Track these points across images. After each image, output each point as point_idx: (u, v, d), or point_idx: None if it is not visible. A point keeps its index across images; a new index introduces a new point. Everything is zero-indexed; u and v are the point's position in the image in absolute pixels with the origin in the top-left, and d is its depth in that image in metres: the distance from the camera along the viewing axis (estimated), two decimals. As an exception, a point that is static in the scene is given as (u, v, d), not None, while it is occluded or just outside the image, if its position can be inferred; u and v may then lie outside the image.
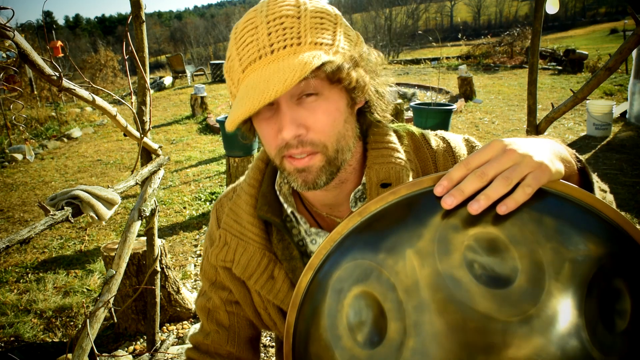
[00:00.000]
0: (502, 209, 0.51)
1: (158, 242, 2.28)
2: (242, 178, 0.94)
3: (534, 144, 0.57)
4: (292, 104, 0.70)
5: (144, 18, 1.87)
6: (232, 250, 0.87)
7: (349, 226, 0.62)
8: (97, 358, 1.65)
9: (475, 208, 0.51)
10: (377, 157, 0.81)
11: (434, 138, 0.89)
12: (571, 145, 6.08)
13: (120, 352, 2.57)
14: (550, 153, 0.57)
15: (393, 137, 0.84)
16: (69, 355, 1.84)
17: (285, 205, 0.86)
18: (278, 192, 0.87)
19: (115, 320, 1.88)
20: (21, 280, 3.47)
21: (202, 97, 9.59)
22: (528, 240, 0.49)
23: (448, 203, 0.53)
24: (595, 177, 0.71)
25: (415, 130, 0.90)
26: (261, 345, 2.63)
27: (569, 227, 0.51)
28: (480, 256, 0.50)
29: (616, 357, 0.47)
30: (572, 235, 0.50)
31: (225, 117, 4.77)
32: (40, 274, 3.54)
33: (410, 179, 0.80)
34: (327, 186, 0.79)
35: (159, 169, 2.08)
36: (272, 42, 0.68)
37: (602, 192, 0.72)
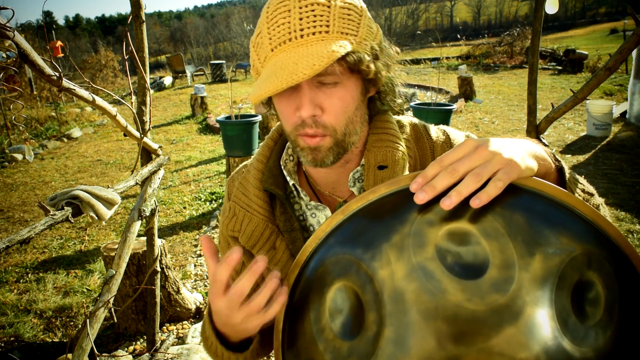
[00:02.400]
0: (475, 203, 0.53)
1: (158, 242, 2.28)
2: (253, 156, 1.02)
3: (505, 142, 0.59)
4: (313, 86, 0.76)
5: (144, 18, 1.87)
6: (240, 220, 0.93)
7: (333, 224, 0.65)
8: (97, 358, 1.65)
9: (447, 204, 0.54)
10: (377, 140, 0.87)
11: (435, 130, 0.94)
12: (571, 145, 6.08)
13: (120, 352, 2.57)
14: (522, 151, 0.60)
15: (394, 125, 0.90)
16: (69, 355, 1.84)
17: (289, 179, 0.92)
18: (283, 168, 0.93)
19: (115, 320, 1.88)
20: (21, 280, 3.47)
21: (202, 97, 9.59)
22: (499, 233, 0.51)
23: (420, 198, 0.56)
24: (581, 180, 0.74)
25: (418, 121, 0.95)
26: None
27: (541, 221, 0.53)
28: (453, 249, 0.52)
29: (589, 348, 0.48)
30: (543, 229, 0.52)
31: (226, 117, 4.77)
32: (40, 274, 3.54)
33: (407, 164, 0.86)
34: (333, 165, 0.85)
35: (159, 169, 2.08)
36: (303, 27, 0.73)
37: (586, 195, 0.74)
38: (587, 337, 0.48)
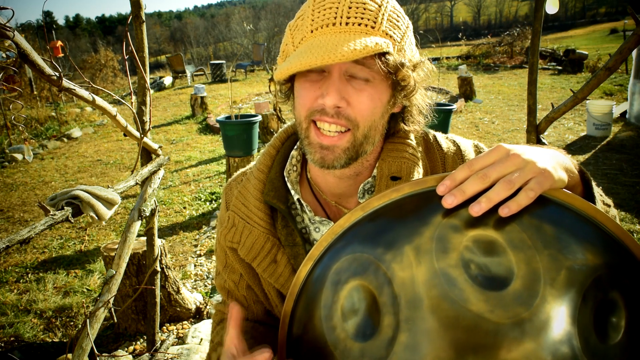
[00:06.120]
0: (504, 211, 0.51)
1: (158, 242, 2.28)
2: (252, 163, 0.98)
3: (538, 151, 0.58)
4: (343, 78, 0.73)
5: (144, 18, 1.87)
6: (239, 232, 0.90)
7: (351, 220, 0.63)
8: (97, 358, 1.65)
9: (476, 210, 0.52)
10: (392, 150, 0.84)
11: (445, 141, 0.91)
12: (571, 145, 6.08)
13: (120, 352, 2.57)
14: (554, 162, 0.58)
15: (412, 141, 0.86)
16: (69, 355, 1.84)
17: (293, 192, 0.88)
18: (286, 179, 0.89)
19: (115, 320, 1.88)
20: (21, 280, 3.47)
21: (202, 97, 9.59)
22: (526, 245, 0.50)
23: (448, 202, 0.54)
24: (599, 191, 0.72)
25: (429, 131, 0.93)
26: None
27: (568, 235, 0.51)
28: (478, 257, 0.51)
29: None
30: (570, 243, 0.50)
31: (226, 117, 4.77)
32: (40, 274, 3.54)
33: (421, 175, 0.83)
34: (342, 175, 0.82)
35: (159, 169, 2.08)
36: (350, 16, 0.71)
37: (605, 207, 0.72)
38: (606, 357, 0.47)
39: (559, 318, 0.47)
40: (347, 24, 0.70)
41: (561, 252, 0.49)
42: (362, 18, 0.71)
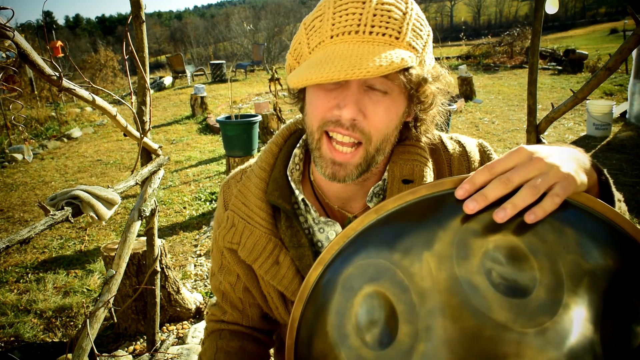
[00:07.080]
0: (530, 218, 0.50)
1: (158, 242, 2.28)
2: (251, 161, 0.95)
3: (559, 154, 0.56)
4: (361, 88, 0.71)
5: (144, 18, 1.86)
6: (239, 232, 0.87)
7: (364, 223, 0.60)
8: (97, 358, 1.65)
9: (501, 216, 0.50)
10: (404, 152, 0.82)
11: (451, 142, 0.89)
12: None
13: (120, 352, 2.57)
14: (575, 164, 0.57)
15: (422, 144, 0.85)
16: (69, 355, 1.84)
17: (297, 192, 0.86)
18: (289, 178, 0.87)
19: (115, 320, 1.88)
20: (21, 280, 3.47)
21: (202, 97, 9.59)
22: (548, 251, 0.49)
23: (470, 208, 0.52)
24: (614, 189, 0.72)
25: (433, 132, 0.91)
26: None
27: (590, 240, 0.50)
28: (500, 264, 0.49)
29: None
30: (592, 248, 0.49)
31: (226, 117, 4.77)
32: (40, 274, 3.54)
33: (432, 178, 0.81)
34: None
35: (159, 169, 2.08)
36: (375, 24, 0.68)
37: (617, 202, 0.71)
38: None
39: (582, 326, 0.46)
40: (370, 32, 0.67)
41: (583, 257, 0.48)
42: (386, 27, 0.67)
